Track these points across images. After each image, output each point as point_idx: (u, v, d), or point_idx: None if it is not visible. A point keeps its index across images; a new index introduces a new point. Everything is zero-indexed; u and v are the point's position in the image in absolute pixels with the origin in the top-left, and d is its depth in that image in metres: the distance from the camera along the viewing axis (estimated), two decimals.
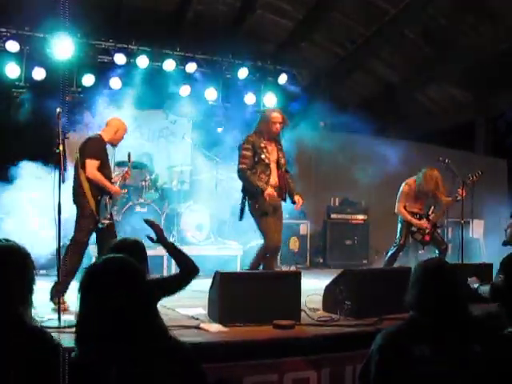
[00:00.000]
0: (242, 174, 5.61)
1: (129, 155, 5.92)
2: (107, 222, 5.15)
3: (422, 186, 6.78)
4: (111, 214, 5.33)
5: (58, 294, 4.59)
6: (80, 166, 5.15)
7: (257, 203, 5.56)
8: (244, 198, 5.71)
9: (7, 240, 2.23)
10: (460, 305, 2.52)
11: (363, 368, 2.57)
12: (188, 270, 3.46)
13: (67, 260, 4.70)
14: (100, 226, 5.09)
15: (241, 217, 5.75)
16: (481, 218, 9.36)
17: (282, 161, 5.78)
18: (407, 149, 10.26)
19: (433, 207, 6.93)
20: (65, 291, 4.79)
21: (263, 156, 5.60)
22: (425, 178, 6.74)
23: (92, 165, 5.14)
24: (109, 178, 5.33)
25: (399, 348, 2.42)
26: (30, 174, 7.13)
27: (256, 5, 9.88)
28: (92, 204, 5.07)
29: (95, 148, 5.25)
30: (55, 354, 2.00)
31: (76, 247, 4.98)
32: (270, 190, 5.42)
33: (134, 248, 3.37)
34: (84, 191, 5.09)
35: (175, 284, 3.44)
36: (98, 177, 5.15)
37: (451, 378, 2.35)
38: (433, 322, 2.45)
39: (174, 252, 3.56)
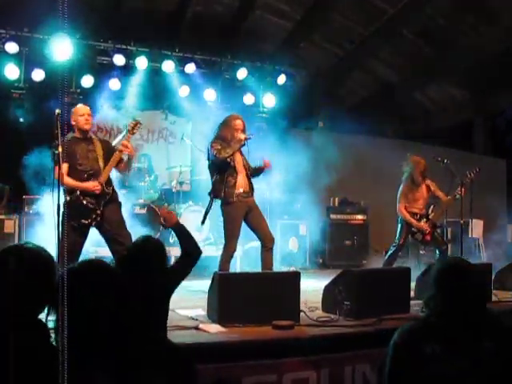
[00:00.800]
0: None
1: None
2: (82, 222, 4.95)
3: (412, 173, 6.78)
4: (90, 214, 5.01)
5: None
6: None
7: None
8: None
9: (29, 243, 2.22)
10: (476, 305, 2.51)
11: (381, 363, 2.60)
12: (191, 252, 3.53)
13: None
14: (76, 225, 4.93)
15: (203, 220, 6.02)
16: (480, 217, 9.36)
17: (245, 161, 5.89)
18: (406, 149, 10.27)
19: (432, 206, 6.93)
20: None
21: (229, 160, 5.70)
22: (413, 161, 6.79)
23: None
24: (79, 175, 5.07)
25: (411, 346, 2.43)
26: None
27: (255, 5, 9.89)
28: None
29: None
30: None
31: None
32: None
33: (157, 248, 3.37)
34: None
35: (182, 269, 3.50)
36: (66, 181, 4.90)
37: (463, 377, 2.35)
38: (447, 321, 2.45)
39: (182, 233, 3.59)
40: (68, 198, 4.96)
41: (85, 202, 5.00)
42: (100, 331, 1.96)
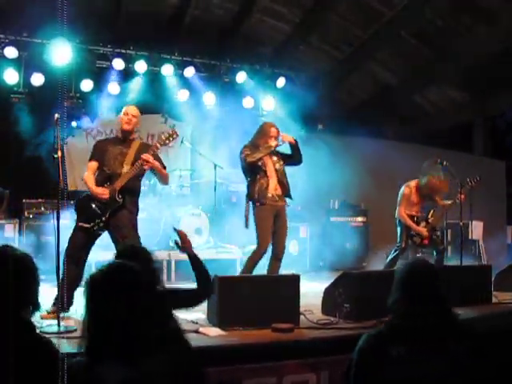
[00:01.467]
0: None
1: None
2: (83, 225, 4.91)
3: (424, 188, 6.83)
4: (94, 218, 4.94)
5: (57, 301, 4.55)
6: None
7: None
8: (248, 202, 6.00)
9: (7, 246, 2.24)
10: (438, 307, 2.52)
11: (347, 369, 2.59)
12: (203, 289, 3.46)
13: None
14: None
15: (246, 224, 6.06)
16: (480, 219, 9.36)
17: (277, 165, 6.04)
18: (406, 151, 10.29)
19: (432, 211, 6.95)
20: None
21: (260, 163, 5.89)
22: (430, 182, 6.78)
23: (87, 167, 5.12)
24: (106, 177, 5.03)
25: (376, 349, 2.45)
26: None
27: (253, 9, 9.90)
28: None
29: (92, 150, 5.23)
30: (55, 360, 2.01)
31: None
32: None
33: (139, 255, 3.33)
34: None
35: (187, 300, 3.45)
36: (85, 179, 5.06)
37: (428, 379, 2.36)
38: (410, 323, 2.46)
39: (197, 265, 3.51)
40: (81, 197, 5.03)
41: (93, 206, 4.92)
42: (113, 337, 1.98)
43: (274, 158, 6.04)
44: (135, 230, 5.06)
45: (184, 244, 3.54)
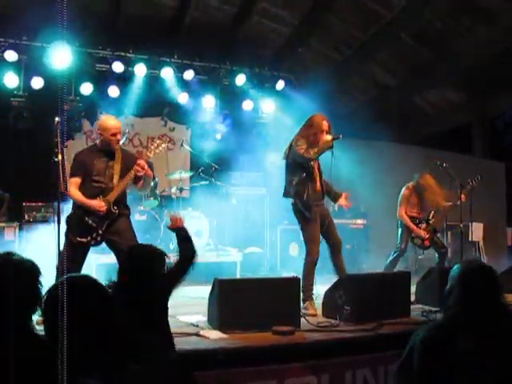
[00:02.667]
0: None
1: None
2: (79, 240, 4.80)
3: (418, 186, 6.89)
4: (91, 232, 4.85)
5: None
6: None
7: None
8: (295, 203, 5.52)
9: (10, 253, 2.28)
10: (500, 302, 2.62)
11: (402, 361, 2.61)
12: (186, 254, 3.53)
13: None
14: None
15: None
16: (479, 221, 9.36)
17: (321, 167, 5.72)
18: (405, 152, 10.28)
19: (433, 212, 6.97)
20: None
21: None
22: (422, 179, 6.89)
23: (71, 183, 4.89)
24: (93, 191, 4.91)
25: (442, 340, 2.48)
26: None
27: (253, 11, 9.91)
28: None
29: (72, 164, 4.99)
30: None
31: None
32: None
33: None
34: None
35: (179, 273, 3.47)
36: (72, 194, 4.86)
37: (494, 370, 2.39)
38: (477, 317, 2.52)
39: (182, 236, 3.62)
40: (72, 212, 4.90)
41: (87, 220, 4.81)
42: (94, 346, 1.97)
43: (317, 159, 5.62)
44: (134, 233, 5.03)
45: (174, 223, 3.66)
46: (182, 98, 9.51)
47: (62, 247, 4.07)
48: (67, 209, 4.97)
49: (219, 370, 3.60)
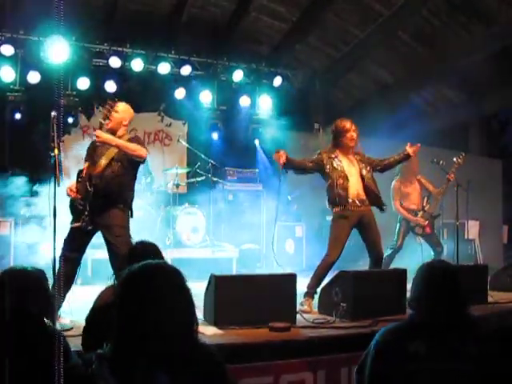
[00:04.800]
0: None
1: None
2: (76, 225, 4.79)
3: (402, 168, 7.00)
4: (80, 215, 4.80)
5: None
6: None
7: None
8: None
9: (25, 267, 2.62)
10: (461, 306, 2.54)
11: (360, 363, 2.59)
12: None
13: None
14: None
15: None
16: (475, 218, 9.38)
17: (364, 172, 5.81)
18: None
19: (426, 198, 7.11)
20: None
21: (335, 164, 5.68)
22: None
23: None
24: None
25: (394, 344, 2.44)
26: None
27: (250, 7, 9.89)
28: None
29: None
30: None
31: None
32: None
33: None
34: None
35: None
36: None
37: (446, 377, 2.36)
38: (432, 321, 2.46)
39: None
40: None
41: (76, 204, 4.78)
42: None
43: (360, 157, 5.98)
44: (127, 229, 4.88)
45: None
46: (179, 93, 9.49)
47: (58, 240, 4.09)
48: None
49: None
